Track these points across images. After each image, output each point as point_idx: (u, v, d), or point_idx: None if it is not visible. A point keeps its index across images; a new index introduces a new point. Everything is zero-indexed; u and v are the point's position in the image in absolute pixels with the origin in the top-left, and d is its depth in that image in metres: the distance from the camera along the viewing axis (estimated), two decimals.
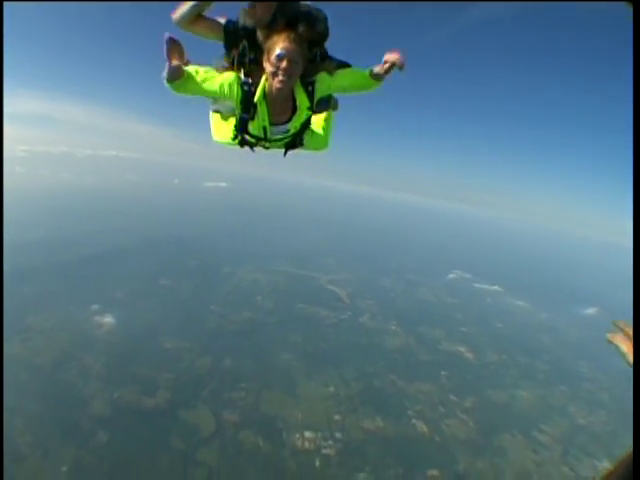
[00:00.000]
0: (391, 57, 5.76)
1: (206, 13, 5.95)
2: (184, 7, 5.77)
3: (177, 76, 5.55)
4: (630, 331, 2.96)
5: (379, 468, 53.52)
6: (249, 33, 5.98)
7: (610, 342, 3.01)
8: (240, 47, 6.01)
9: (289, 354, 75.93)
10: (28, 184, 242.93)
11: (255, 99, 5.81)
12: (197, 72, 5.77)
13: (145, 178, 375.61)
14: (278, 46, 5.44)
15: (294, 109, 6.12)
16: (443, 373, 76.58)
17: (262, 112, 5.96)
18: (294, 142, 6.67)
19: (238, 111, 6.02)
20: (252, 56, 5.94)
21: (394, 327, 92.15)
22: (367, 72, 6.06)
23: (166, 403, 60.30)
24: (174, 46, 5.48)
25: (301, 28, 5.72)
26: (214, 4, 5.88)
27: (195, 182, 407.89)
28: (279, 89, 5.66)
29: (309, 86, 5.99)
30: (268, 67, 5.57)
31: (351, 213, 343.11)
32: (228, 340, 78.07)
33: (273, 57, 5.46)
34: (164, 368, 67.49)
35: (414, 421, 62.85)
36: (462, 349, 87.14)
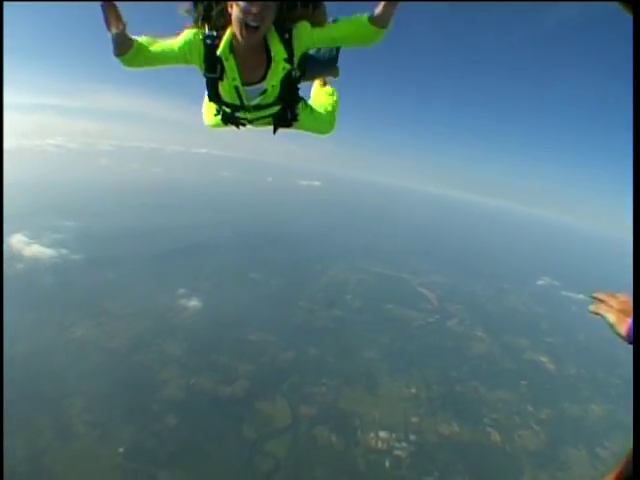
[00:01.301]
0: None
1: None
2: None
3: (125, 48, 4.78)
4: (612, 301, 3.01)
5: (447, 474, 52.53)
6: None
7: (595, 314, 3.06)
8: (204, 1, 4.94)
9: (374, 353, 75.45)
10: (115, 176, 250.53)
11: (219, 52, 4.86)
12: (151, 41, 4.96)
13: (238, 175, 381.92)
14: None
15: (269, 63, 5.06)
16: (523, 383, 74.98)
17: (230, 69, 5.00)
18: (284, 116, 5.69)
19: (203, 71, 5.11)
20: (219, 8, 4.85)
21: (480, 333, 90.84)
22: (365, 18, 4.84)
23: (244, 393, 60.56)
24: (110, 12, 4.55)
25: None
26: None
27: (289, 180, 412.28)
28: (248, 37, 4.68)
29: (285, 33, 4.92)
30: (235, 13, 4.58)
31: (443, 217, 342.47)
32: (314, 336, 78.02)
33: (241, 0, 4.47)
34: (245, 359, 67.96)
35: (489, 429, 61.61)
36: (544, 359, 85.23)
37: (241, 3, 4.45)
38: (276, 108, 5.48)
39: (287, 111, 5.62)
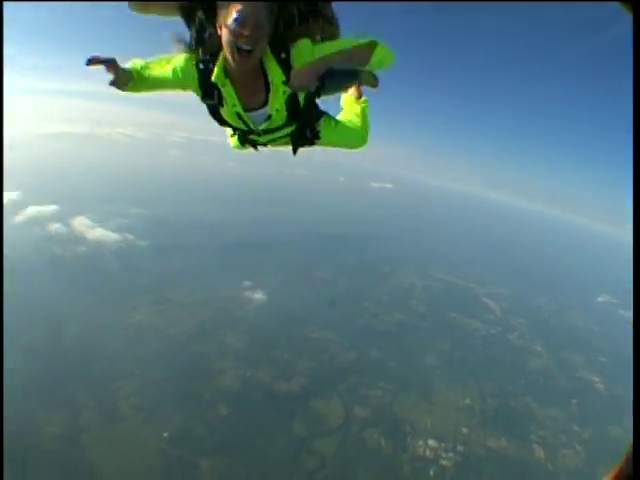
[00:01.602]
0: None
1: None
2: None
3: (125, 84, 4.53)
4: None
5: None
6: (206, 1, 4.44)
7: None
8: (197, 21, 4.52)
9: (434, 360, 75.33)
10: (186, 168, 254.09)
11: (213, 78, 4.47)
12: (147, 66, 4.69)
13: (311, 173, 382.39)
14: (234, 7, 4.05)
15: (268, 87, 4.64)
16: (574, 401, 73.97)
17: (228, 95, 4.65)
18: (302, 135, 5.29)
19: (200, 98, 4.78)
20: (212, 30, 4.42)
21: (539, 348, 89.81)
22: (366, 40, 4.39)
23: (300, 389, 60.76)
24: (98, 63, 4.24)
25: None
26: None
27: (361, 181, 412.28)
28: (242, 62, 4.27)
29: (282, 53, 4.46)
30: (225, 36, 4.16)
31: (511, 226, 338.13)
32: (376, 339, 77.91)
33: (230, 22, 4.06)
34: (306, 356, 68.25)
35: (534, 446, 60.82)
36: (596, 379, 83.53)
37: (231, 25, 4.08)
38: (290, 129, 5.12)
39: (305, 130, 5.26)
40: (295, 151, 5.48)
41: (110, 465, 44.20)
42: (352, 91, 6.54)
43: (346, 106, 6.51)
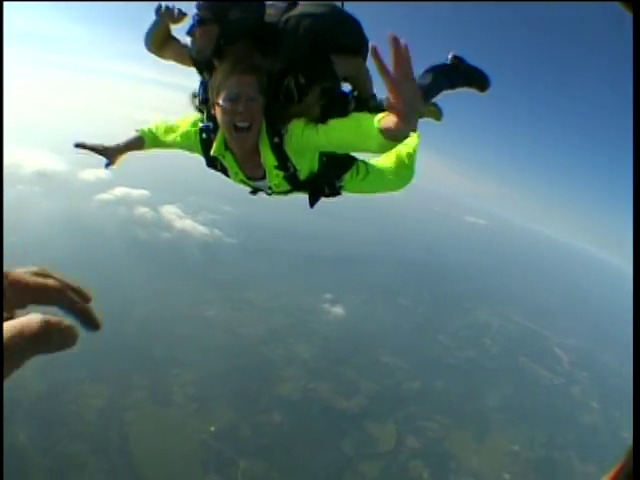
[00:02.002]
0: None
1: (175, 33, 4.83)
2: (146, 30, 4.78)
3: (137, 149, 4.89)
4: None
5: None
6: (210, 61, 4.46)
7: None
8: (202, 79, 4.66)
9: (494, 401, 74.73)
10: None
11: (212, 151, 4.41)
12: (163, 128, 4.91)
13: (407, 198, 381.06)
14: (225, 83, 4.02)
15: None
16: (611, 459, 71.84)
17: (230, 165, 4.63)
18: (319, 194, 5.10)
19: (205, 163, 4.82)
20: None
21: (595, 404, 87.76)
22: (375, 125, 3.45)
23: (358, 409, 60.88)
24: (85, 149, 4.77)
25: (264, 57, 4.31)
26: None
27: (456, 214, 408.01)
28: (241, 140, 4.21)
29: (275, 137, 4.21)
30: (219, 116, 4.13)
31: (598, 277, 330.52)
32: (443, 372, 77.48)
33: (222, 100, 4.01)
34: (371, 378, 68.19)
35: None
36: None
37: (223, 103, 4.01)
38: (302, 192, 5.02)
39: (323, 188, 5.03)
40: (312, 205, 5.21)
41: (144, 445, 45.33)
42: None
43: None
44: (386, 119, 3.30)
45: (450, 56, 5.61)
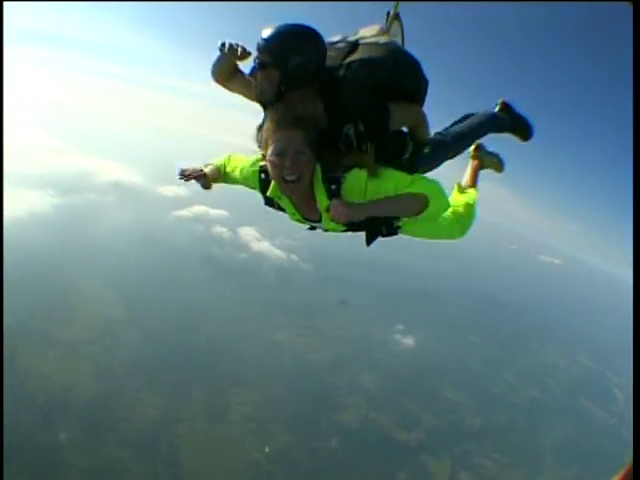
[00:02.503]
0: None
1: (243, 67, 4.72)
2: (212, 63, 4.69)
3: (217, 181, 4.85)
4: None
5: None
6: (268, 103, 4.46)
7: None
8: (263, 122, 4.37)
9: (550, 441, 73.68)
10: None
11: (268, 193, 4.37)
12: (230, 167, 4.85)
13: (484, 234, 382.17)
14: (273, 137, 3.96)
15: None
16: None
17: (286, 206, 4.56)
18: (377, 233, 4.80)
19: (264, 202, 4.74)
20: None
21: None
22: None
23: (416, 442, 60.94)
24: (190, 179, 4.61)
25: (311, 102, 4.25)
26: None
27: (531, 252, 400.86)
28: (291, 191, 4.16)
29: (332, 184, 4.07)
30: (269, 168, 4.08)
31: None
32: (506, 410, 77.19)
33: (270, 155, 3.98)
34: (433, 412, 68.41)
35: None
36: None
37: (271, 158, 3.96)
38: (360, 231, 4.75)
39: (381, 229, 4.77)
40: (369, 244, 4.90)
41: (194, 459, 46.28)
42: (466, 178, 6.28)
43: (453, 192, 6.05)
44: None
45: (499, 102, 5.74)
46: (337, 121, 4.16)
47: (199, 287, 78.25)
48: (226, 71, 4.64)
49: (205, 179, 4.61)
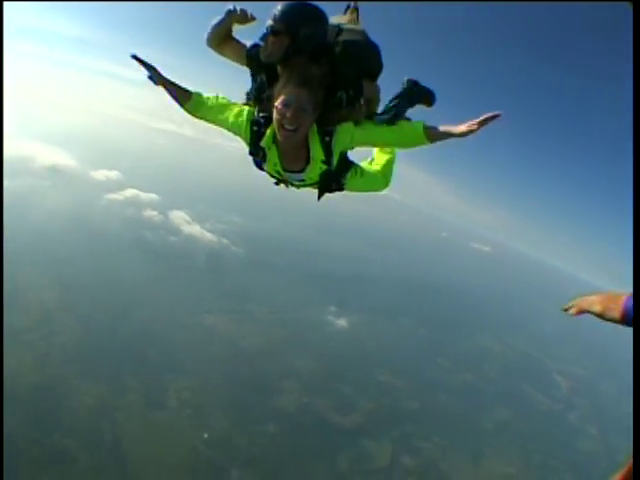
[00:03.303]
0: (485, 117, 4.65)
1: (238, 34, 5.39)
2: (209, 26, 5.28)
3: (182, 100, 5.23)
4: (586, 304, 3.09)
5: None
6: (271, 64, 5.13)
7: (578, 313, 3.15)
8: (258, 80, 5.29)
9: (491, 425, 74.87)
10: (294, 193, 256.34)
11: (262, 143, 5.06)
12: (212, 99, 5.29)
13: (415, 223, 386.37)
14: (283, 91, 4.63)
15: (308, 157, 5.17)
16: None
17: (272, 156, 5.21)
18: (328, 188, 5.74)
19: (248, 150, 5.32)
20: (270, 93, 4.94)
21: (594, 432, 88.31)
22: (420, 128, 5.00)
23: (353, 426, 60.95)
24: (147, 67, 5.04)
25: (317, 68, 4.98)
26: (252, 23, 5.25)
27: (462, 240, 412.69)
28: (285, 138, 4.80)
29: (326, 136, 4.98)
30: (274, 113, 4.70)
31: None
32: (441, 394, 78.08)
33: (278, 103, 4.62)
34: (369, 396, 68.53)
35: None
36: None
37: (278, 105, 4.57)
38: (319, 184, 5.59)
39: (332, 183, 5.65)
40: (320, 198, 5.90)
41: (137, 447, 45.36)
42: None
43: (377, 154, 6.87)
44: (432, 129, 4.91)
45: (405, 80, 6.16)
46: (332, 87, 4.93)
47: (131, 271, 78.35)
48: (223, 35, 5.20)
49: (155, 73, 5.01)
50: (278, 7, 4.72)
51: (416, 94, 6.05)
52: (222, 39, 5.25)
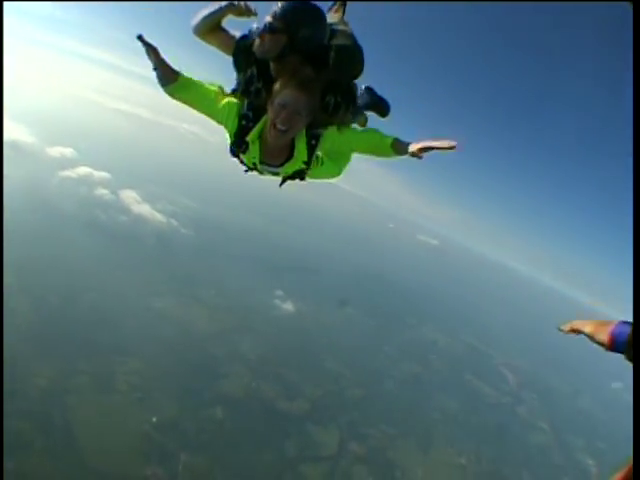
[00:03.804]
0: (440, 144, 4.56)
1: (226, 24, 5.31)
2: (200, 14, 5.19)
3: (168, 80, 5.02)
4: (579, 325, 3.50)
5: None
6: (262, 59, 5.11)
7: (572, 332, 3.56)
8: (248, 73, 5.20)
9: (439, 416, 75.74)
10: (251, 181, 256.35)
11: (248, 138, 5.08)
12: (197, 83, 5.16)
13: (364, 214, 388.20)
14: (282, 91, 4.68)
15: (290, 155, 5.27)
16: (565, 479, 74.43)
17: (254, 150, 5.20)
18: (293, 178, 5.73)
19: (230, 141, 5.29)
20: (259, 86, 5.11)
21: (545, 426, 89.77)
22: (389, 141, 5.06)
23: (300, 412, 61.86)
24: (148, 47, 4.85)
25: (310, 70, 5.05)
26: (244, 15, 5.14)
27: (409, 232, 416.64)
28: (275, 137, 4.88)
29: (313, 139, 5.16)
30: (269, 111, 4.80)
31: (550, 307, 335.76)
32: (387, 383, 78.94)
33: (275, 103, 4.70)
34: (315, 383, 69.36)
35: None
36: (591, 462, 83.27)
37: (274, 103, 4.64)
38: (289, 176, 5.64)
39: (300, 175, 5.67)
40: (281, 185, 5.92)
41: (87, 431, 45.14)
42: None
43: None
44: (399, 144, 4.92)
45: (364, 87, 6.60)
46: (322, 90, 4.99)
47: (82, 251, 77.96)
48: (213, 24, 5.15)
49: (156, 55, 4.83)
50: (279, 5, 4.72)
51: (369, 101, 6.55)
52: (212, 29, 5.22)
